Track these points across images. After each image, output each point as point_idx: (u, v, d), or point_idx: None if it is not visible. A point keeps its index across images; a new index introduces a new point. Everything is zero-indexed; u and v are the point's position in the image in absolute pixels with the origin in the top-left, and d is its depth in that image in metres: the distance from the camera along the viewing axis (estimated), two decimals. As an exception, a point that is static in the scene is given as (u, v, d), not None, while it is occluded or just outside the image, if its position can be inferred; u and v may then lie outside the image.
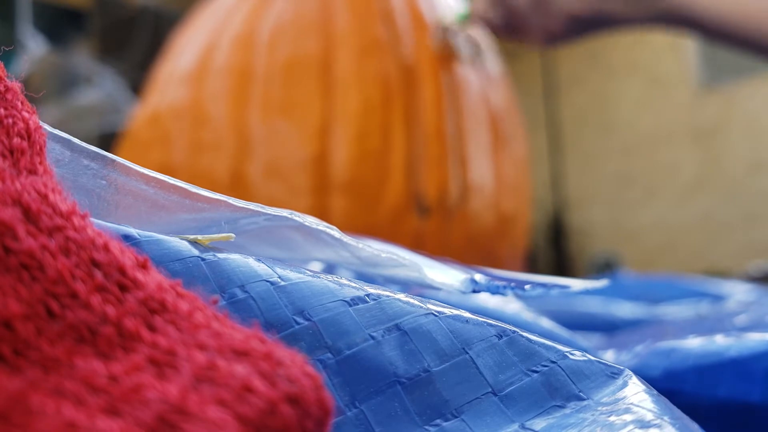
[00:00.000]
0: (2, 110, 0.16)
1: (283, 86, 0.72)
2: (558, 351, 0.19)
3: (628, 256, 3.25)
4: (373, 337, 0.18)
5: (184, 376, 0.12)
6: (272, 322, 0.17)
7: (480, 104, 0.79)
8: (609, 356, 0.30)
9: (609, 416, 0.17)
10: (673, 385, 0.25)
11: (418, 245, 0.70)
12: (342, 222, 0.69)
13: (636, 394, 0.18)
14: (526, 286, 0.25)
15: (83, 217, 0.15)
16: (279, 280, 0.18)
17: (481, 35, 0.83)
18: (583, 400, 0.18)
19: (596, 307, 0.51)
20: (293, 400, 0.12)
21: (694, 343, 0.26)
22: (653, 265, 3.13)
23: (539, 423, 0.17)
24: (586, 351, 0.20)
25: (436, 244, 0.72)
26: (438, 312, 0.19)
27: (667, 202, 3.23)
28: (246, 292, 0.18)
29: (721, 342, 0.25)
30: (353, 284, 0.19)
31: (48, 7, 2.21)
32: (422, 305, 0.19)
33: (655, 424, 0.16)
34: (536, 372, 0.19)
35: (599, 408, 0.18)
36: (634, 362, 0.27)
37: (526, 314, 0.32)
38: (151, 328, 0.13)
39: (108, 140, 1.29)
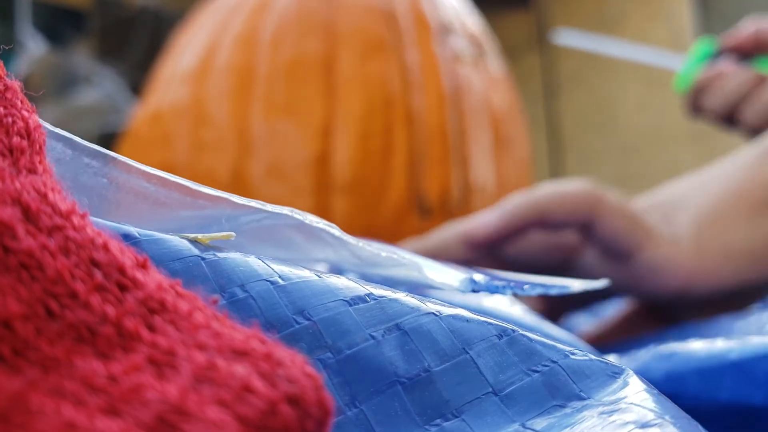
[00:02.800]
0: (2, 109, 0.16)
1: (285, 86, 0.72)
2: (559, 350, 0.19)
3: (629, 257, 3.24)
4: (373, 337, 0.18)
5: (183, 376, 0.12)
6: (272, 321, 0.17)
7: (482, 105, 0.79)
8: (610, 359, 0.30)
9: (610, 416, 0.17)
10: (674, 389, 0.25)
11: (418, 245, 0.70)
12: (343, 222, 0.69)
13: (637, 393, 0.18)
14: (526, 286, 0.25)
15: (83, 216, 0.15)
16: (279, 279, 0.18)
17: (483, 35, 0.83)
18: (584, 399, 0.18)
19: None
20: (293, 400, 0.12)
21: (695, 345, 0.26)
22: (654, 265, 3.12)
23: (540, 423, 0.17)
24: (586, 351, 0.20)
25: (436, 244, 0.72)
26: (438, 312, 0.19)
27: (667, 202, 3.22)
28: (246, 291, 0.18)
29: (722, 345, 0.25)
30: (353, 284, 0.19)
31: (48, 7, 2.21)
32: (423, 305, 0.19)
33: (656, 424, 0.16)
34: (537, 372, 0.19)
35: (600, 407, 0.18)
36: (634, 365, 0.27)
37: (526, 315, 0.32)
38: (151, 328, 0.13)
39: (108, 140, 1.29)
